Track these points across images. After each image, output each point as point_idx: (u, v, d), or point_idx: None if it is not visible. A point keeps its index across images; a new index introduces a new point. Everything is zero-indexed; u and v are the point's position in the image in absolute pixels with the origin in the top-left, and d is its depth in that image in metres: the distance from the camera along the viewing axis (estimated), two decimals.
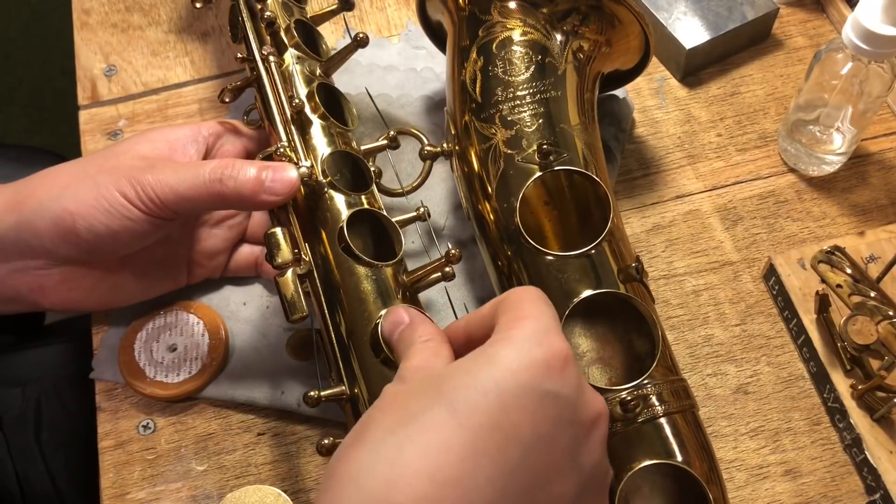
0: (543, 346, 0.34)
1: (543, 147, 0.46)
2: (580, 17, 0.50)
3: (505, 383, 0.32)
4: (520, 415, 0.32)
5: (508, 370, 0.33)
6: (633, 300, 0.45)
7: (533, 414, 0.32)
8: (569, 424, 0.34)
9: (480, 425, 0.31)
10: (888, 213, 0.58)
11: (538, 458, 0.32)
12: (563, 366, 0.34)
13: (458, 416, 0.32)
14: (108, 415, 0.52)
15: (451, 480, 0.31)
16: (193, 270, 0.53)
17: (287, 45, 0.51)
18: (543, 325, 0.35)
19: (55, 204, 0.44)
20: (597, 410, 0.36)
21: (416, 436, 0.32)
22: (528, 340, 0.34)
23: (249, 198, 0.45)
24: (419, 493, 0.30)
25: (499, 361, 0.33)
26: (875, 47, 0.50)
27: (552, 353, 0.34)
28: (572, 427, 0.34)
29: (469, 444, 0.31)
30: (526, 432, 0.32)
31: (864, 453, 0.48)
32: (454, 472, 0.31)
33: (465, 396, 0.32)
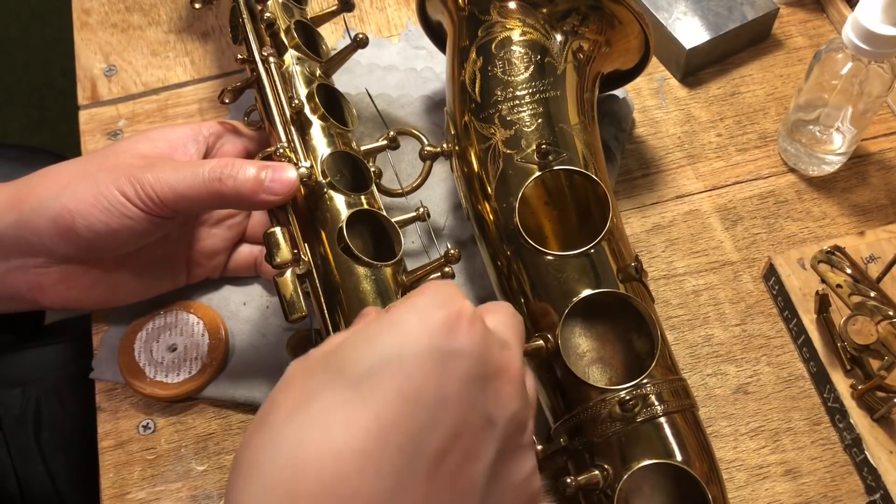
0: (445, 308, 0.33)
1: (542, 147, 0.46)
2: (580, 18, 0.50)
3: (405, 348, 0.32)
4: (423, 378, 0.32)
5: (409, 335, 0.32)
6: (632, 299, 0.45)
7: (437, 375, 0.32)
8: (476, 381, 0.33)
9: (384, 396, 0.31)
10: (888, 213, 0.58)
11: (447, 418, 0.32)
12: (466, 324, 0.33)
13: (359, 390, 0.31)
14: (108, 415, 0.52)
15: (359, 454, 0.30)
16: (193, 270, 0.53)
17: (287, 46, 0.51)
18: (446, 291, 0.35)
19: (54, 202, 0.44)
20: (506, 364, 0.35)
21: (318, 416, 0.31)
22: (430, 303, 0.34)
23: (248, 197, 0.45)
24: (326, 473, 0.29)
25: (399, 326, 0.33)
26: (875, 47, 0.50)
27: (454, 313, 0.33)
28: (480, 383, 0.33)
29: (373, 416, 0.31)
30: (430, 394, 0.32)
31: (864, 453, 0.48)
32: (360, 445, 0.30)
33: (366, 369, 0.32)
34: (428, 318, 0.33)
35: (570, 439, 0.44)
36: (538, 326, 0.45)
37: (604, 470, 0.42)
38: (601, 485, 0.42)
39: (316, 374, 0.33)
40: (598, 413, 0.43)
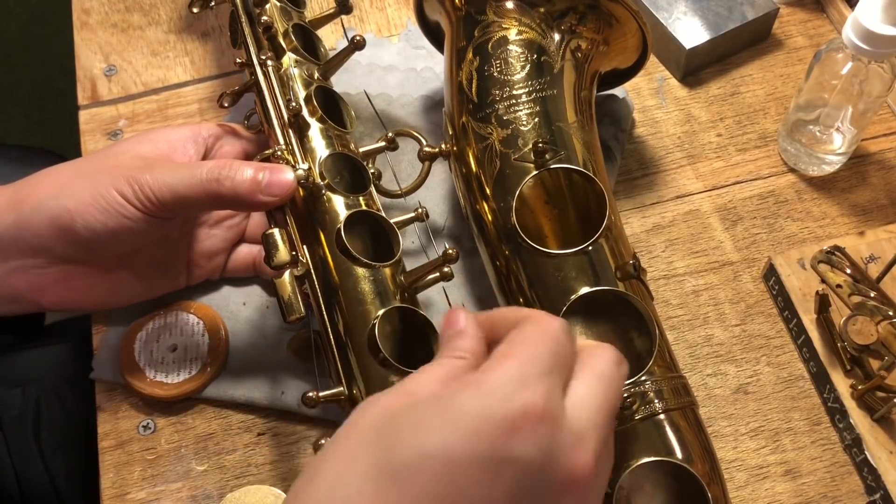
0: (514, 401, 0.30)
1: (539, 145, 0.46)
2: (577, 17, 0.50)
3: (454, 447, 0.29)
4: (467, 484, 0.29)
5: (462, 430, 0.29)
6: (630, 297, 0.45)
7: (484, 485, 0.29)
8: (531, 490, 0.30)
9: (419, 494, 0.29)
10: (888, 213, 0.58)
11: None
12: (533, 423, 0.30)
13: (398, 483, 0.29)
14: (108, 415, 0.52)
15: None
16: (192, 271, 0.53)
17: (285, 50, 0.52)
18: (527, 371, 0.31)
19: (53, 202, 0.45)
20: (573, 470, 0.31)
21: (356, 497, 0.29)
22: (500, 389, 0.30)
23: (246, 198, 0.45)
24: None
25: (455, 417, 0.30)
26: (875, 47, 0.50)
27: (521, 410, 0.30)
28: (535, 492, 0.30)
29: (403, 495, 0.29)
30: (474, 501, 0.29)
31: (864, 453, 0.48)
32: None
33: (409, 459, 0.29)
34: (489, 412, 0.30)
35: None
36: None
37: None
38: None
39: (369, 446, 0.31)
40: None
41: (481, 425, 0.29)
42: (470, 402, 0.30)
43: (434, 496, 0.29)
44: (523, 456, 0.29)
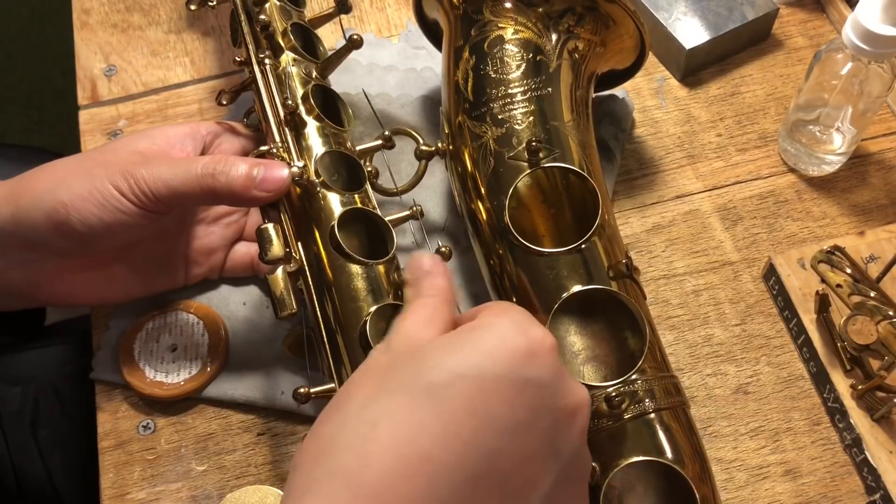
0: (525, 335, 0.34)
1: (532, 144, 0.46)
2: (575, 18, 0.50)
3: (484, 368, 0.32)
4: (497, 401, 0.32)
5: (489, 355, 0.33)
6: (620, 295, 0.45)
7: (511, 401, 0.32)
8: (548, 411, 0.34)
9: (455, 409, 0.31)
10: (888, 213, 0.58)
11: (514, 444, 0.32)
12: (545, 353, 0.34)
13: (433, 398, 0.32)
14: (108, 415, 0.52)
15: (421, 459, 0.30)
16: (191, 269, 0.54)
17: (284, 48, 0.52)
18: (525, 317, 0.35)
19: (49, 196, 0.45)
20: (578, 400, 0.35)
21: (390, 413, 0.32)
22: (510, 328, 0.34)
23: (240, 193, 0.45)
24: (387, 469, 0.30)
25: (480, 345, 0.33)
26: (875, 47, 0.50)
27: (534, 341, 0.34)
28: (552, 414, 0.34)
29: (441, 426, 0.31)
30: (502, 419, 0.32)
31: (864, 453, 0.48)
32: (424, 451, 0.31)
33: (443, 379, 0.32)
34: (510, 341, 0.33)
35: None
36: None
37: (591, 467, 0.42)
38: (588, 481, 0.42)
39: (395, 371, 0.33)
40: None
41: (506, 352, 0.33)
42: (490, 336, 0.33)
43: (468, 411, 0.31)
44: (541, 378, 0.33)
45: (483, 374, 0.32)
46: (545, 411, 0.33)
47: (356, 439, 0.31)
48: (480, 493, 0.31)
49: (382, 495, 0.30)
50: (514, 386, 0.32)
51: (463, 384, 0.32)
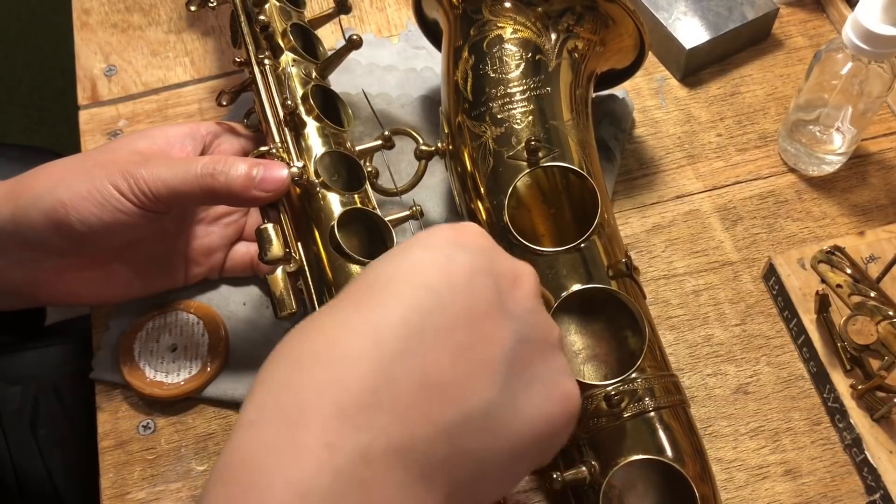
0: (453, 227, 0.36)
1: (532, 143, 0.46)
2: (575, 17, 0.50)
3: (415, 253, 0.34)
4: (429, 271, 0.33)
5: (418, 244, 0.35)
6: (619, 294, 0.45)
7: (443, 268, 0.34)
8: (485, 274, 0.34)
9: (389, 287, 0.33)
10: (888, 213, 0.58)
11: (455, 302, 0.33)
12: (473, 233, 0.36)
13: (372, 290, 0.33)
14: (108, 415, 0.52)
15: (362, 326, 0.32)
16: (190, 269, 0.54)
17: (283, 49, 0.52)
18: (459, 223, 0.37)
19: (49, 195, 0.45)
20: (518, 267, 0.36)
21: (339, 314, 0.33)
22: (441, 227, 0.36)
23: (240, 193, 0.45)
24: (328, 341, 0.32)
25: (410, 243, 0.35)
26: (875, 47, 0.50)
27: (460, 226, 0.36)
28: (490, 276, 0.34)
29: (377, 301, 0.33)
30: (437, 283, 0.33)
31: (864, 453, 0.48)
32: (363, 319, 0.32)
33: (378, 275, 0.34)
34: (439, 231, 0.36)
35: None
36: None
37: (590, 466, 0.42)
38: (588, 480, 0.42)
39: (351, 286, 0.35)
40: (585, 408, 0.43)
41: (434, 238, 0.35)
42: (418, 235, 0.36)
43: (402, 284, 0.33)
44: (472, 249, 0.35)
45: (414, 257, 0.34)
46: (481, 273, 0.34)
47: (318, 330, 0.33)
48: (431, 347, 0.32)
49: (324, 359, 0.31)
50: (445, 258, 0.34)
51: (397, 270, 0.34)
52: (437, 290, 0.33)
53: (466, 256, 0.34)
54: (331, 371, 0.31)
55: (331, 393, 0.30)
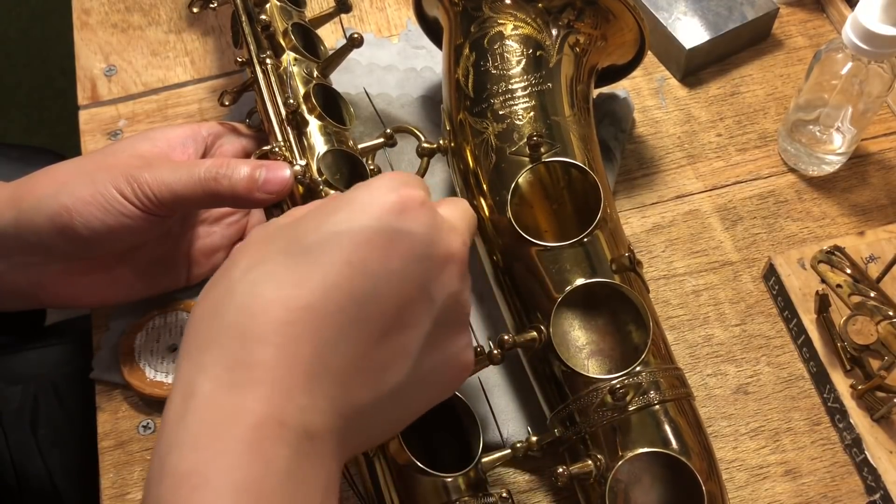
0: (396, 192, 0.36)
1: (533, 139, 0.46)
2: (575, 13, 0.50)
3: (356, 223, 0.35)
4: (369, 251, 0.34)
5: (361, 211, 0.35)
6: (622, 288, 0.45)
7: (383, 249, 0.35)
8: (420, 259, 0.36)
9: (332, 263, 0.34)
10: (888, 213, 0.58)
11: (389, 290, 0.35)
12: (416, 207, 0.36)
13: (310, 256, 0.34)
14: (108, 415, 0.52)
15: (305, 308, 0.33)
16: (193, 269, 0.54)
17: (284, 48, 0.52)
18: (400, 177, 0.37)
19: (53, 200, 0.45)
20: (450, 248, 0.38)
21: (271, 273, 0.34)
22: (382, 188, 0.36)
23: (244, 196, 0.45)
24: (274, 319, 0.33)
25: (354, 203, 0.35)
26: (875, 47, 0.50)
27: (404, 197, 0.36)
28: (424, 262, 0.36)
29: (320, 278, 0.33)
30: (375, 266, 0.34)
31: (864, 453, 0.49)
32: (307, 301, 0.33)
33: (318, 238, 0.34)
34: (381, 197, 0.36)
35: (564, 429, 0.44)
36: (533, 319, 0.46)
37: (596, 459, 0.42)
38: (593, 474, 0.42)
39: (274, 240, 0.35)
40: (590, 402, 0.43)
41: (376, 208, 0.35)
42: (362, 194, 0.36)
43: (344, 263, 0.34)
44: (412, 230, 0.36)
45: (355, 229, 0.34)
46: (416, 260, 0.36)
47: (241, 297, 0.33)
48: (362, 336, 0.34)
49: (271, 340, 0.32)
50: (385, 237, 0.35)
51: (337, 239, 0.34)
52: (374, 277, 0.34)
53: (407, 241, 0.35)
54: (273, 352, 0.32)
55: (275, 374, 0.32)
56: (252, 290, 0.33)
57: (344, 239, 0.34)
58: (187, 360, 0.33)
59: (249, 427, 0.31)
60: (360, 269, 0.34)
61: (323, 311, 0.33)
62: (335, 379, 0.33)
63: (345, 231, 0.34)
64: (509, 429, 0.50)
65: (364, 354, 0.34)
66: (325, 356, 0.33)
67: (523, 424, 0.50)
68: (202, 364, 0.33)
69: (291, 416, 0.32)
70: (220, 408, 0.32)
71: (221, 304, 0.34)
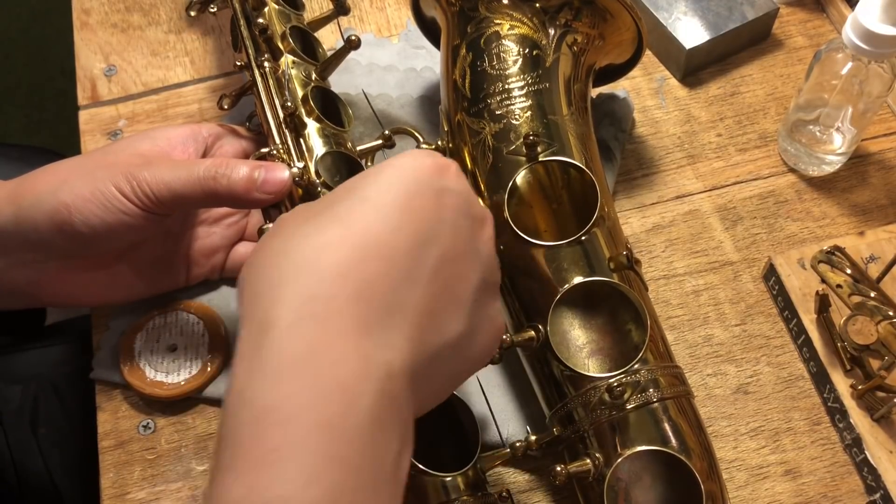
0: (432, 156, 0.38)
1: (530, 138, 0.46)
2: (573, 12, 0.51)
3: (407, 177, 0.36)
4: (424, 201, 0.36)
5: (408, 168, 0.36)
6: (620, 287, 0.45)
7: (434, 202, 0.36)
8: (466, 215, 0.37)
9: (392, 206, 0.35)
10: (888, 213, 0.58)
11: (444, 238, 0.36)
12: (454, 171, 0.38)
13: (369, 201, 0.35)
14: (108, 415, 0.52)
15: (375, 247, 0.34)
16: (192, 269, 0.54)
17: (283, 52, 0.52)
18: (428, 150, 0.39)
19: (52, 197, 0.45)
20: (485, 210, 0.40)
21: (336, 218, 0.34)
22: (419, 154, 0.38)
23: (242, 196, 0.45)
24: (347, 256, 0.33)
25: (398, 166, 0.36)
26: (875, 47, 0.50)
27: (441, 160, 0.38)
28: (468, 218, 0.38)
29: (383, 220, 0.34)
30: (430, 215, 0.36)
31: (864, 453, 0.49)
32: (376, 241, 0.34)
33: (374, 188, 0.35)
34: (422, 160, 0.37)
35: (562, 428, 0.44)
36: (532, 318, 0.46)
37: (595, 458, 0.42)
38: (592, 473, 0.42)
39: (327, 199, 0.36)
40: (588, 401, 0.43)
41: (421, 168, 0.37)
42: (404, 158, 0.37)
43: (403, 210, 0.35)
44: (455, 187, 0.37)
45: (407, 184, 0.36)
46: (462, 215, 0.37)
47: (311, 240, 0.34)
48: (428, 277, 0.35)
49: (347, 274, 0.32)
50: (435, 192, 0.36)
51: (393, 189, 0.35)
52: (431, 223, 0.35)
53: (453, 196, 0.37)
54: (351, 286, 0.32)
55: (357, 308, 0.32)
56: (320, 234, 0.34)
57: (399, 189, 0.35)
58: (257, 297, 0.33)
59: (332, 360, 0.31)
60: (418, 214, 0.35)
61: (393, 248, 0.34)
62: (409, 318, 0.34)
63: (397, 184, 0.35)
64: (509, 428, 0.50)
65: (432, 296, 0.35)
66: (400, 293, 0.33)
67: (522, 424, 0.50)
68: (277, 298, 0.32)
69: (373, 350, 0.32)
70: (301, 338, 0.31)
71: (290, 246, 0.34)
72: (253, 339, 0.32)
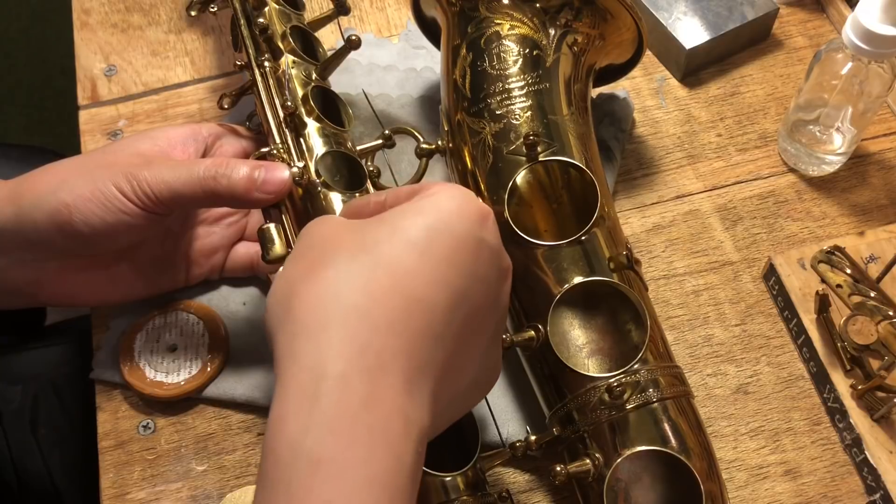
0: (475, 202, 0.38)
1: (530, 138, 0.46)
2: (573, 13, 0.51)
3: (453, 226, 0.36)
4: (465, 255, 0.36)
5: (455, 215, 0.36)
6: (620, 286, 0.45)
7: (475, 256, 0.36)
8: (496, 269, 0.38)
9: (438, 259, 0.35)
10: (888, 213, 0.58)
11: (476, 294, 0.37)
12: (493, 221, 0.38)
13: (417, 247, 0.35)
14: (108, 415, 0.52)
15: (419, 302, 0.34)
16: (192, 269, 0.54)
17: (283, 51, 0.52)
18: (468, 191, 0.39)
19: (52, 197, 0.45)
20: (510, 263, 0.40)
21: (383, 261, 0.35)
22: (462, 195, 0.38)
23: (242, 195, 0.45)
24: (396, 307, 0.34)
25: (443, 207, 0.37)
26: (875, 47, 0.50)
27: (482, 208, 0.38)
28: (497, 270, 0.38)
29: (430, 273, 0.35)
30: (469, 269, 0.36)
31: (864, 453, 0.49)
32: (420, 293, 0.34)
33: (422, 234, 0.35)
34: (467, 205, 0.37)
35: (562, 428, 0.44)
36: (532, 318, 0.46)
37: (594, 458, 0.42)
38: (591, 472, 0.42)
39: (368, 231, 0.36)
40: (588, 401, 0.43)
41: (466, 214, 0.37)
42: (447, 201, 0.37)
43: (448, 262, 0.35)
44: (491, 240, 0.38)
45: (453, 231, 0.36)
46: (494, 269, 0.38)
47: (360, 281, 0.34)
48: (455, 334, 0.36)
49: (397, 329, 0.33)
50: (475, 243, 0.37)
51: (440, 238, 0.36)
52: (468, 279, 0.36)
53: (487, 250, 0.37)
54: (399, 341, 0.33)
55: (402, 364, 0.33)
56: (370, 276, 0.34)
57: (445, 238, 0.36)
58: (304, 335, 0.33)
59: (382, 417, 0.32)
60: (458, 270, 0.36)
61: (434, 304, 0.34)
62: (434, 375, 0.35)
63: (444, 230, 0.36)
64: (508, 428, 0.50)
65: (454, 352, 0.36)
66: (432, 350, 0.34)
67: (522, 424, 0.50)
68: (327, 342, 0.33)
69: (412, 410, 0.33)
70: (355, 392, 0.32)
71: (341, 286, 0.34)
72: (307, 385, 0.32)
